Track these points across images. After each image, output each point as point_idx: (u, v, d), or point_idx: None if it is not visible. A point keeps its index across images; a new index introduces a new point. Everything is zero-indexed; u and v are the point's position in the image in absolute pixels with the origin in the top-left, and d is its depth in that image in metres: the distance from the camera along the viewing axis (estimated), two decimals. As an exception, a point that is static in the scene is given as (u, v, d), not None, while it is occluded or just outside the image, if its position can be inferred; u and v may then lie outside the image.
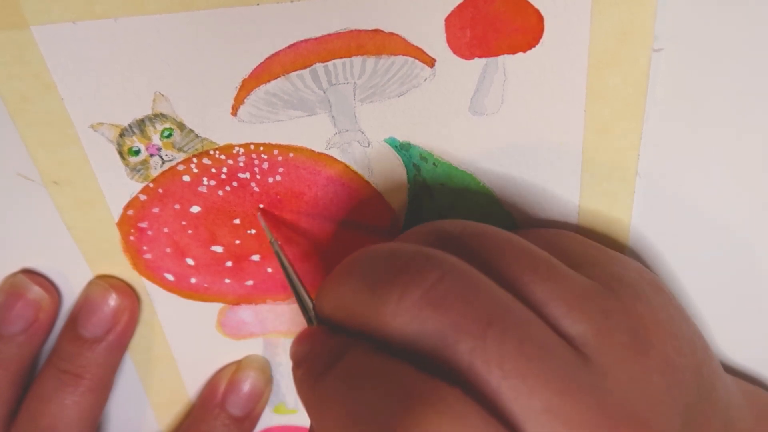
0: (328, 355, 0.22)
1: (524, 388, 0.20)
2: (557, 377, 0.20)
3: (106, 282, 0.31)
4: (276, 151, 0.27)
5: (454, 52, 0.25)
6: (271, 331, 0.33)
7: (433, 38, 0.24)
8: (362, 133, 0.26)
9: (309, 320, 0.26)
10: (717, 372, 0.25)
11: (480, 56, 0.25)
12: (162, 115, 0.26)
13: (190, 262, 0.30)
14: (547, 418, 0.20)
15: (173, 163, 0.27)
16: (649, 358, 0.22)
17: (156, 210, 0.29)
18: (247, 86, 0.25)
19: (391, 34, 0.24)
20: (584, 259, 0.25)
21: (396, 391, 0.20)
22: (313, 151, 0.27)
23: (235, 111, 0.26)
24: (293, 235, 0.29)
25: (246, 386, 0.33)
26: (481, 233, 0.24)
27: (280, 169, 0.27)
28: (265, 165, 0.27)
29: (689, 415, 0.23)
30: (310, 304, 0.26)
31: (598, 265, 0.24)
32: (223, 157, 0.27)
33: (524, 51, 0.24)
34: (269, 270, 0.30)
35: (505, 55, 0.25)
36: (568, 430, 0.20)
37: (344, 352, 0.22)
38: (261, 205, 0.28)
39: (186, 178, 0.28)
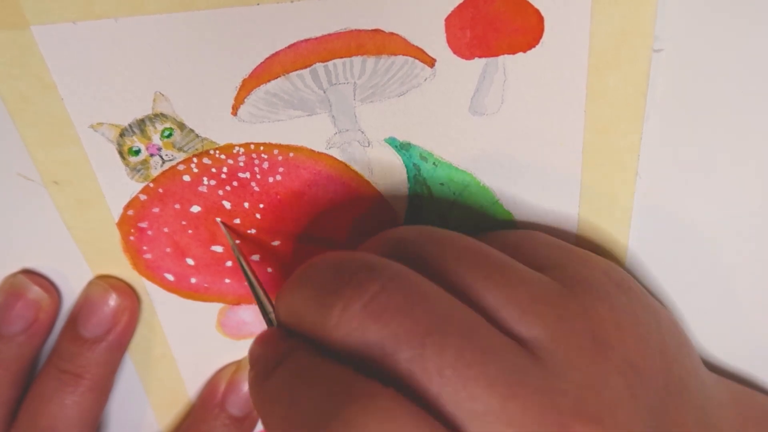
0: (274, 357, 0.23)
1: (464, 393, 0.20)
2: (501, 380, 0.20)
3: (106, 282, 0.31)
4: (276, 151, 0.27)
5: (454, 52, 0.25)
6: (271, 331, 0.33)
7: (434, 38, 0.24)
8: (362, 132, 0.26)
9: (268, 322, 0.27)
10: (693, 371, 0.25)
11: (480, 56, 0.25)
12: (162, 114, 0.26)
13: (190, 262, 0.30)
14: (491, 420, 0.20)
15: (173, 162, 0.27)
16: (608, 360, 0.22)
17: (156, 210, 0.29)
18: (247, 86, 0.25)
19: (392, 34, 0.24)
20: (548, 261, 0.25)
21: (330, 391, 0.21)
22: (313, 150, 0.27)
23: (235, 111, 0.26)
24: (293, 235, 0.29)
25: (246, 386, 0.33)
26: (437, 239, 0.24)
27: (281, 169, 0.27)
28: (266, 165, 0.27)
29: (657, 415, 0.23)
30: (269, 308, 0.27)
31: (561, 267, 0.25)
32: (223, 156, 0.27)
33: (524, 51, 0.24)
34: (269, 270, 0.30)
35: (505, 55, 0.25)
36: (513, 430, 0.20)
37: (288, 354, 0.23)
38: (218, 220, 0.29)
39: (186, 177, 0.28)
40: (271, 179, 0.28)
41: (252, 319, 0.32)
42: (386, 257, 0.23)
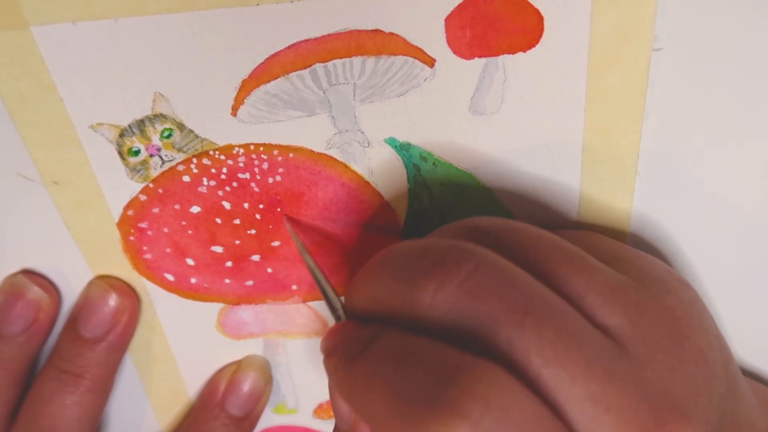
0: (362, 340, 0.23)
1: (565, 376, 0.20)
2: (597, 366, 0.20)
3: (106, 282, 0.31)
4: (276, 152, 0.27)
5: (454, 52, 0.25)
6: (271, 331, 0.33)
7: (433, 38, 0.24)
8: (362, 133, 0.26)
9: (337, 317, 0.26)
10: (738, 369, 0.26)
11: (480, 56, 0.25)
12: (162, 115, 0.26)
13: (190, 262, 0.30)
14: (590, 404, 0.20)
15: (173, 163, 0.27)
16: (685, 350, 0.22)
17: (156, 210, 0.29)
18: (246, 86, 0.25)
19: (391, 34, 0.24)
20: (613, 255, 0.25)
21: (439, 365, 0.20)
22: (312, 151, 0.27)
23: (234, 111, 0.26)
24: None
25: (246, 386, 0.33)
26: (513, 228, 0.24)
27: (280, 170, 0.27)
28: (265, 165, 0.27)
29: (722, 408, 0.23)
30: (338, 302, 0.26)
31: (627, 261, 0.24)
32: (222, 157, 0.27)
33: (524, 51, 0.24)
34: (269, 270, 0.30)
35: (505, 55, 0.25)
36: (612, 417, 0.20)
37: (379, 335, 0.22)
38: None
39: (186, 178, 0.28)
40: (270, 180, 0.28)
41: (252, 319, 0.32)
42: None
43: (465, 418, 0.19)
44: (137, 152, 0.27)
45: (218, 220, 0.29)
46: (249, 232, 0.29)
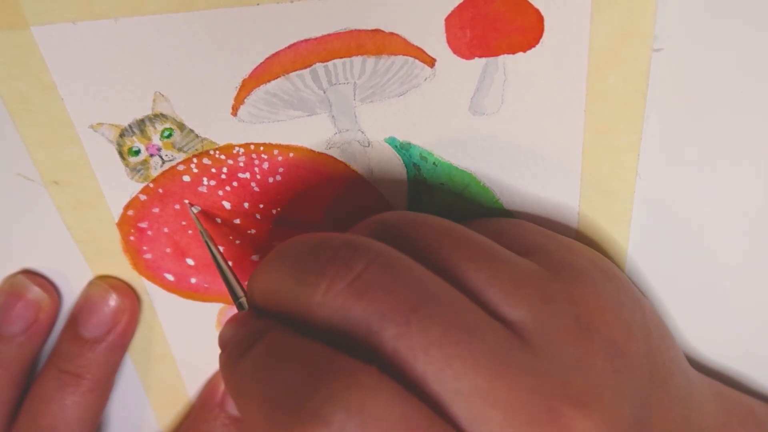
0: (248, 338, 0.23)
1: (450, 371, 0.20)
2: (487, 360, 0.20)
3: (106, 282, 0.31)
4: (276, 151, 0.27)
5: (454, 52, 0.25)
6: (271, 331, 0.33)
7: (433, 38, 0.24)
8: (362, 133, 0.26)
9: (239, 306, 0.26)
10: (676, 362, 0.25)
11: (480, 56, 0.25)
12: (162, 115, 0.26)
13: (190, 262, 0.30)
14: (477, 399, 0.20)
15: (173, 163, 0.27)
16: (593, 342, 0.22)
17: (156, 210, 0.29)
18: (247, 86, 0.25)
19: (392, 34, 0.24)
20: (533, 246, 0.25)
21: (309, 368, 0.20)
22: (313, 151, 0.27)
23: (235, 111, 0.26)
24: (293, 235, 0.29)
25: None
26: (420, 222, 0.24)
27: (280, 169, 0.27)
28: (265, 165, 0.27)
29: (640, 400, 0.23)
30: (239, 291, 0.26)
31: (546, 252, 0.24)
32: (223, 157, 0.27)
33: (524, 51, 0.24)
34: (269, 270, 0.30)
35: (505, 55, 0.25)
36: (500, 411, 0.20)
37: (264, 333, 0.22)
38: (186, 201, 0.29)
39: (186, 178, 0.28)
40: (271, 180, 0.28)
41: (252, 319, 0.32)
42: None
43: (327, 425, 0.19)
44: (137, 152, 0.27)
45: (218, 220, 0.29)
46: (249, 231, 0.29)
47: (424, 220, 0.24)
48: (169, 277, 0.31)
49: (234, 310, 0.27)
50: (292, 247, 0.23)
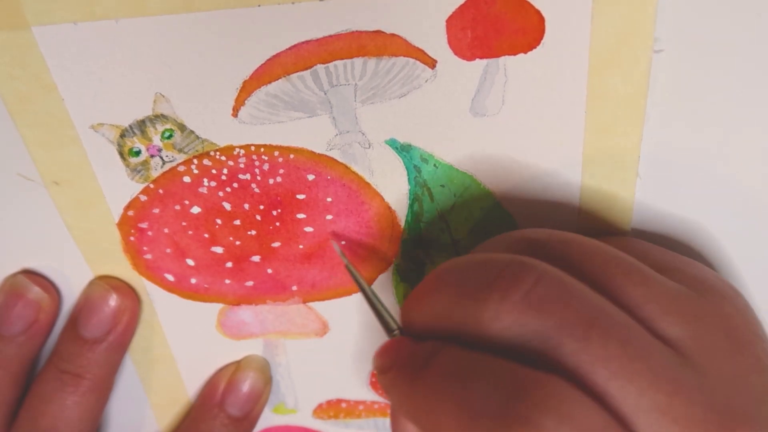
0: (421, 356, 0.23)
1: (632, 387, 0.20)
2: (663, 377, 0.20)
3: (107, 282, 0.31)
4: (276, 153, 0.27)
5: (455, 53, 0.25)
6: (271, 332, 0.33)
7: (435, 39, 0.24)
8: (363, 134, 0.26)
9: (391, 333, 0.26)
10: None
11: (481, 57, 0.25)
12: (163, 116, 0.26)
13: (191, 262, 0.30)
14: (658, 415, 0.20)
15: (174, 164, 0.27)
16: (744, 358, 0.22)
17: (156, 211, 0.29)
18: (247, 87, 0.25)
19: (393, 35, 0.24)
20: (665, 264, 0.25)
21: (507, 379, 0.20)
22: (313, 152, 0.27)
23: (235, 112, 0.26)
24: (293, 235, 0.29)
25: (245, 386, 0.33)
26: (568, 240, 0.24)
27: (281, 171, 0.27)
28: (266, 166, 0.27)
29: None
30: (393, 320, 0.26)
31: (680, 270, 0.24)
32: (223, 158, 0.27)
33: (525, 52, 0.24)
34: (269, 271, 0.30)
35: (506, 56, 0.25)
36: (680, 428, 0.20)
37: (438, 350, 0.22)
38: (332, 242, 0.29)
39: (186, 179, 0.28)
40: (271, 181, 0.28)
41: (251, 320, 0.32)
42: None
43: (539, 430, 0.19)
44: (138, 153, 0.27)
45: (218, 221, 0.29)
46: (249, 233, 0.29)
47: (570, 238, 0.24)
48: (169, 277, 0.31)
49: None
50: (454, 269, 0.23)
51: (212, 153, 0.27)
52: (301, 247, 0.29)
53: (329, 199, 0.28)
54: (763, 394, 0.22)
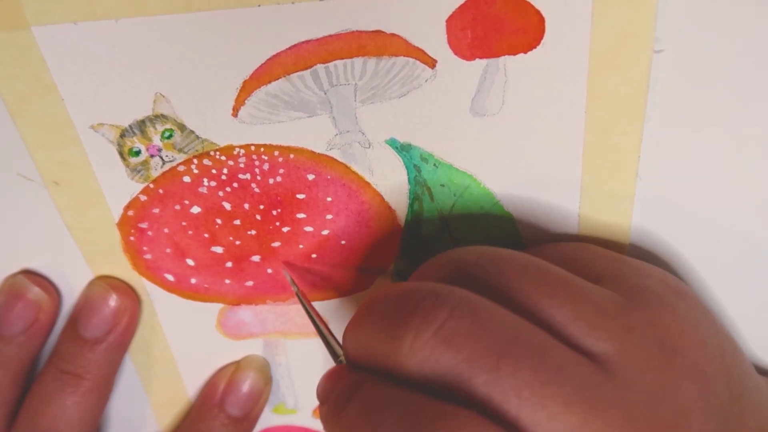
0: (347, 390, 0.23)
1: (544, 413, 0.20)
2: (578, 398, 0.21)
3: (107, 282, 0.31)
4: (276, 152, 0.27)
5: (455, 53, 0.25)
6: (271, 332, 0.33)
7: (435, 39, 0.24)
8: (363, 134, 0.26)
9: (336, 359, 0.27)
10: (747, 373, 0.26)
11: (481, 57, 0.25)
12: (163, 115, 0.26)
13: (190, 262, 0.30)
14: None
15: (174, 163, 0.27)
16: (677, 367, 0.22)
17: (156, 210, 0.29)
18: (247, 87, 0.25)
19: (393, 35, 0.24)
20: (606, 272, 0.25)
21: (412, 415, 0.21)
22: (313, 152, 0.27)
23: (235, 112, 0.26)
24: (293, 235, 0.29)
25: (245, 386, 0.33)
26: (497, 259, 0.24)
27: (281, 170, 0.27)
28: (266, 166, 0.27)
29: (723, 418, 0.23)
30: (338, 349, 0.27)
31: (620, 278, 0.25)
32: (223, 158, 0.27)
33: (525, 52, 0.24)
34: (269, 271, 0.30)
35: (506, 56, 0.25)
36: None
37: (361, 385, 0.23)
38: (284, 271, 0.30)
39: (186, 178, 0.28)
40: (271, 180, 0.28)
41: (251, 320, 0.32)
42: (447, 282, 0.24)
43: None
44: (138, 152, 0.27)
45: (218, 221, 0.29)
46: (249, 232, 0.29)
47: (500, 256, 0.24)
48: (169, 277, 0.31)
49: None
50: (377, 302, 0.24)
51: (212, 153, 0.27)
52: (301, 247, 0.29)
53: (329, 199, 0.28)
54: (695, 401, 0.22)
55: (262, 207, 0.28)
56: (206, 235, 0.29)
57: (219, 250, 0.30)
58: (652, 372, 0.22)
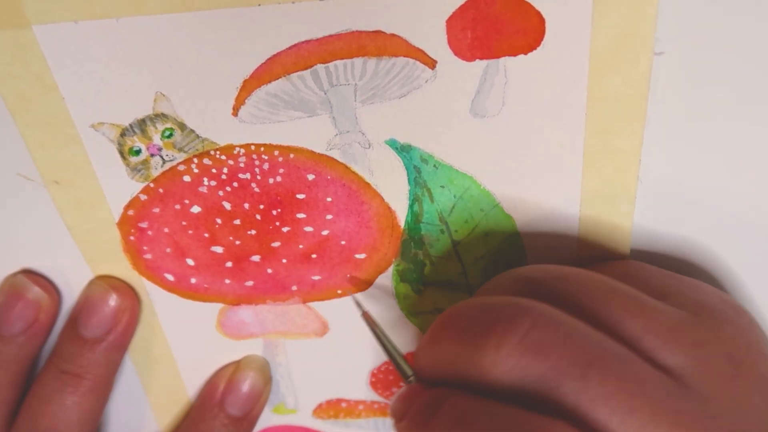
0: (429, 404, 0.23)
1: (634, 422, 0.20)
2: (663, 410, 0.21)
3: (107, 282, 0.31)
4: (276, 152, 0.27)
5: (456, 54, 0.25)
6: (271, 332, 0.33)
7: (435, 40, 0.24)
8: (363, 134, 0.26)
9: (407, 379, 0.27)
10: None
11: (481, 58, 0.25)
12: (163, 115, 0.26)
13: (190, 262, 0.30)
14: None
15: (174, 163, 0.27)
16: (747, 380, 0.22)
17: (156, 210, 0.29)
18: (248, 87, 0.25)
19: (393, 35, 0.24)
20: (666, 289, 0.25)
21: (505, 427, 0.21)
22: (313, 152, 0.27)
23: (236, 111, 0.26)
24: (293, 235, 0.29)
25: (245, 386, 0.33)
26: (565, 276, 0.25)
27: (281, 170, 0.27)
28: (266, 166, 0.27)
29: None
30: (409, 368, 0.27)
31: (681, 294, 0.25)
32: (223, 157, 0.27)
33: (525, 53, 0.24)
34: (269, 271, 0.30)
35: (507, 57, 0.25)
36: None
37: (445, 398, 0.23)
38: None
39: (186, 178, 0.28)
40: (271, 180, 0.28)
41: (251, 320, 0.32)
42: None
43: None
44: (138, 152, 0.27)
45: (218, 221, 0.29)
46: (249, 232, 0.29)
47: (567, 274, 0.25)
48: (169, 277, 0.31)
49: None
50: (454, 317, 0.24)
51: (212, 152, 0.27)
52: (301, 246, 0.29)
53: (329, 199, 0.28)
54: (766, 414, 0.22)
55: (262, 207, 0.28)
56: (206, 235, 0.29)
57: (219, 249, 0.30)
58: (725, 385, 0.22)
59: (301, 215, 0.29)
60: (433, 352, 0.25)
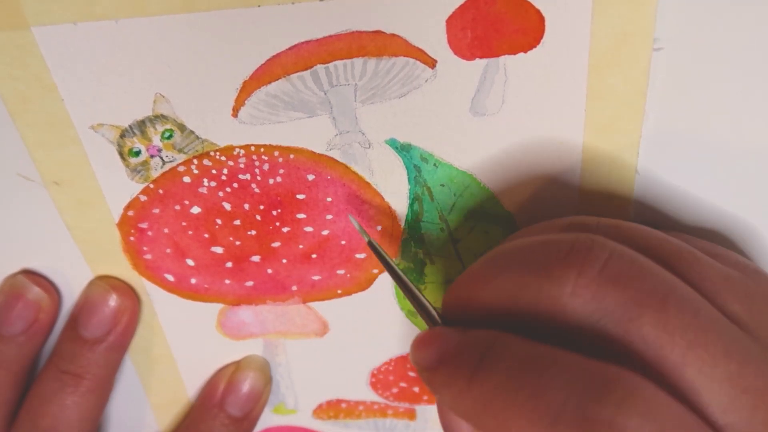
0: (476, 348, 0.22)
1: (707, 357, 0.20)
2: (733, 348, 0.20)
3: (107, 282, 0.31)
4: (276, 153, 0.27)
5: (455, 53, 0.25)
6: (271, 332, 0.33)
7: (434, 39, 0.24)
8: (363, 134, 0.26)
9: (432, 322, 0.25)
10: None
11: (481, 57, 0.25)
12: (163, 116, 0.26)
13: (190, 262, 0.30)
14: (729, 385, 0.20)
15: (174, 164, 0.27)
16: None
17: (156, 211, 0.29)
18: (247, 88, 0.25)
19: (393, 35, 0.24)
20: (708, 250, 0.25)
21: (581, 378, 0.20)
22: (313, 152, 0.27)
23: (235, 112, 0.26)
24: (293, 235, 0.29)
25: (245, 386, 0.33)
26: (617, 225, 0.24)
27: (281, 171, 0.27)
28: (266, 166, 0.27)
29: None
30: (432, 310, 0.25)
31: (723, 256, 0.24)
32: (223, 158, 0.27)
33: (525, 51, 0.24)
34: (269, 271, 0.30)
35: (506, 56, 0.25)
36: (750, 398, 0.20)
37: (494, 342, 0.22)
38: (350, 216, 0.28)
39: (186, 179, 0.28)
40: (271, 181, 0.28)
41: (251, 320, 0.32)
42: None
43: None
44: (138, 153, 0.27)
45: (218, 221, 0.29)
46: (249, 233, 0.29)
47: (620, 223, 0.24)
48: (169, 277, 0.31)
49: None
50: (511, 252, 0.23)
51: (212, 153, 0.27)
52: (301, 247, 0.29)
53: (329, 199, 0.28)
54: None
55: (262, 207, 0.28)
56: (206, 236, 0.29)
57: (219, 250, 0.30)
58: None
59: (301, 215, 0.29)
60: (484, 289, 0.23)
